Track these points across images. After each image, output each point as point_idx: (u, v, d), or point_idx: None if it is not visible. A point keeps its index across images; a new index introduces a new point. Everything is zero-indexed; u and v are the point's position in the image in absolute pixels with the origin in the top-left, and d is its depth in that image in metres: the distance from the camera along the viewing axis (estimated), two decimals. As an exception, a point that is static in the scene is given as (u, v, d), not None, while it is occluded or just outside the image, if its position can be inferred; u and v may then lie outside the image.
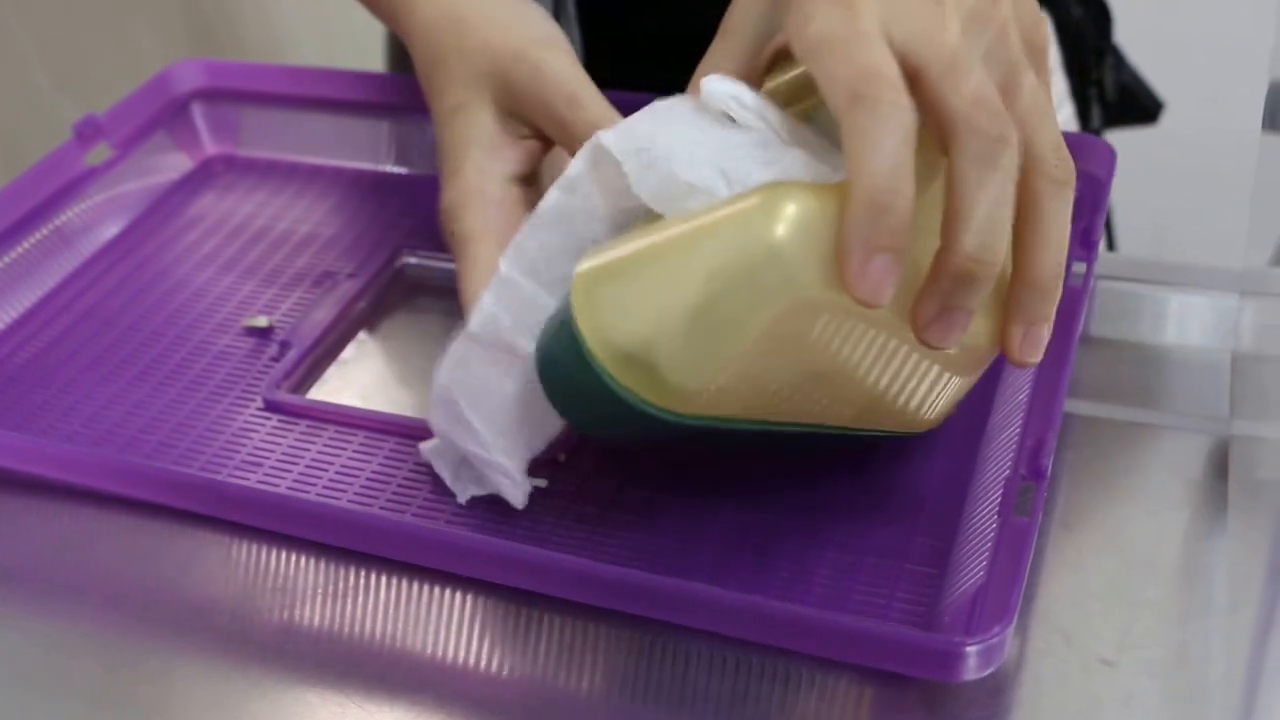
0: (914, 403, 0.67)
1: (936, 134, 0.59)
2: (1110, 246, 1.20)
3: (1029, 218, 0.61)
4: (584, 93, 0.76)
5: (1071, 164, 0.62)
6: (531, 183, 0.77)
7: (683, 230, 0.61)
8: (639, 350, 0.61)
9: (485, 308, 0.68)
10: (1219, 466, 0.73)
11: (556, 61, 0.77)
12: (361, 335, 0.86)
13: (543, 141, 0.78)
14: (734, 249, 0.59)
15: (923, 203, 0.58)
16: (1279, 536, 0.51)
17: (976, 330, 0.63)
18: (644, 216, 0.65)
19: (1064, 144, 0.62)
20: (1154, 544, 0.70)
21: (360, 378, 0.83)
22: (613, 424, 0.65)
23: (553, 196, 0.68)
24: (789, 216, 0.58)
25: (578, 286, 0.62)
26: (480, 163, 0.76)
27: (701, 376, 0.61)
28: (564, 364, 0.63)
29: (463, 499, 0.71)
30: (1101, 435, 0.76)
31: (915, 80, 0.59)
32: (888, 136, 0.56)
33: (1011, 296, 0.63)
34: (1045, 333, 0.63)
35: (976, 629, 0.61)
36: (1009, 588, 0.62)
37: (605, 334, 0.61)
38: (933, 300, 0.60)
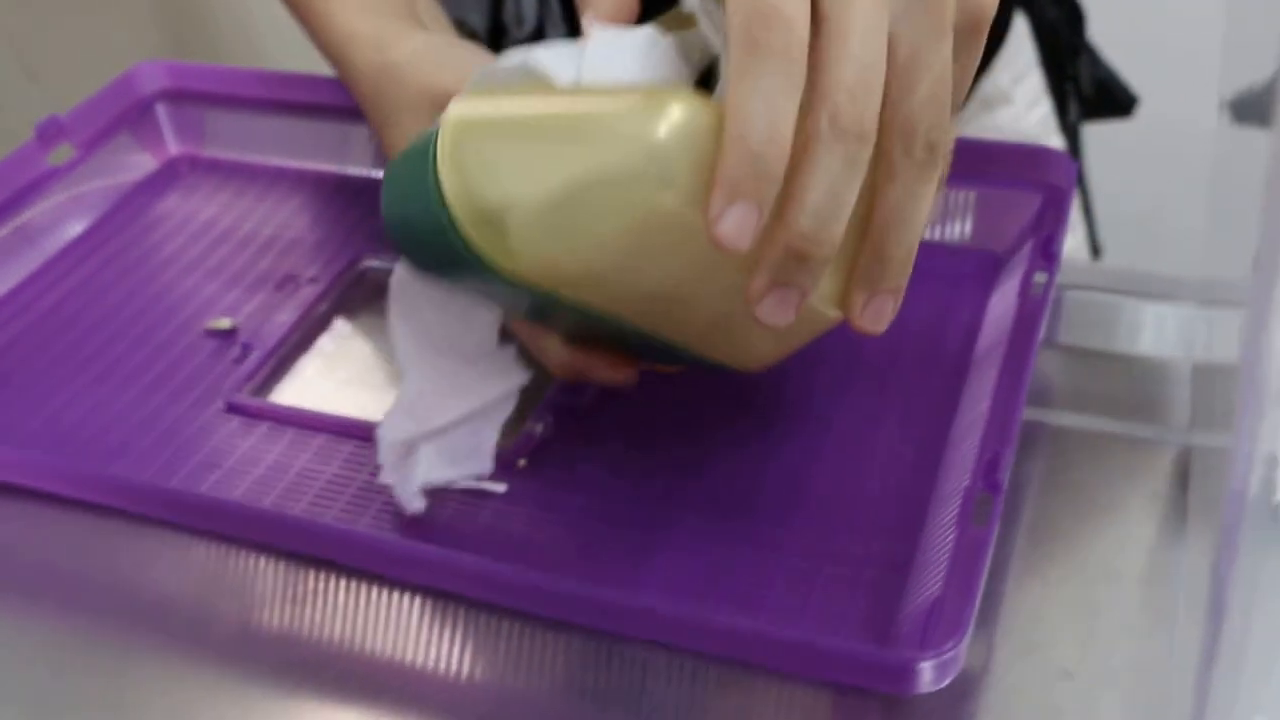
0: (750, 345, 0.68)
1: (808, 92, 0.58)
2: (1095, 250, 1.21)
3: (884, 193, 0.60)
4: None
5: (941, 149, 0.60)
6: None
7: (567, 107, 0.60)
8: (495, 212, 0.60)
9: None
10: (1183, 478, 0.73)
11: None
12: (324, 338, 0.85)
13: None
14: (618, 137, 0.58)
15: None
16: (1220, 547, 0.51)
17: (820, 293, 0.63)
18: (520, 76, 0.64)
19: (945, 128, 0.60)
20: (1117, 555, 0.70)
21: (322, 381, 0.82)
22: (450, 270, 0.65)
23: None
24: (674, 120, 0.57)
25: (447, 131, 0.62)
26: None
27: (551, 254, 0.60)
28: (414, 203, 0.63)
29: (416, 503, 0.71)
30: (1070, 445, 0.76)
31: (815, 29, 0.58)
32: (773, 87, 0.56)
33: (858, 263, 0.62)
34: (889, 304, 0.63)
35: (931, 642, 0.61)
36: (964, 601, 0.61)
37: (465, 186, 0.61)
38: (766, 275, 0.59)
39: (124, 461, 0.76)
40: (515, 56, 0.64)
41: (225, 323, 0.85)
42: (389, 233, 0.66)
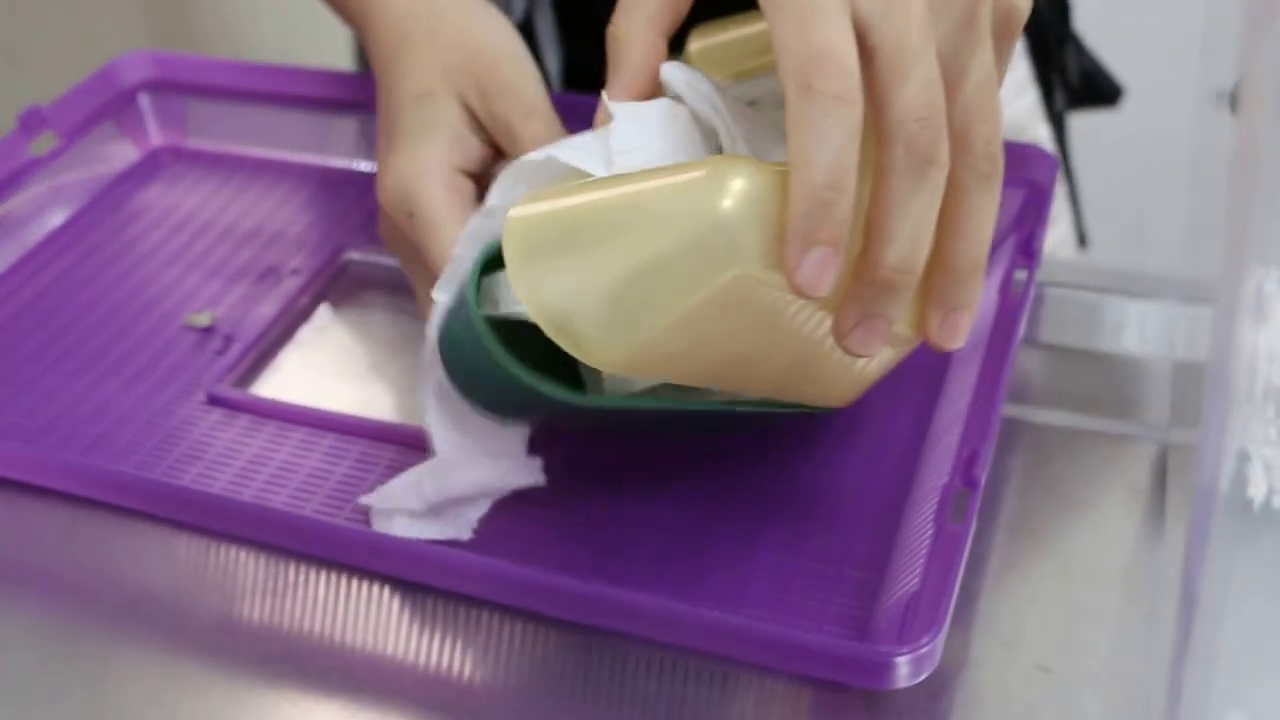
0: (832, 383, 0.68)
1: (873, 125, 0.59)
2: (1081, 241, 1.21)
3: (951, 208, 0.61)
4: (541, 108, 0.77)
5: (1000, 158, 0.61)
6: (479, 184, 0.77)
7: (626, 190, 0.60)
8: (569, 308, 0.60)
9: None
10: (1162, 475, 0.73)
11: (522, 75, 0.78)
12: (305, 330, 0.85)
13: (493, 149, 0.78)
14: (679, 216, 0.58)
15: (866, 192, 0.59)
16: (1190, 540, 0.51)
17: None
18: (570, 174, 0.64)
19: (999, 136, 0.61)
20: (1096, 552, 0.70)
21: (303, 373, 0.82)
22: (513, 405, 0.66)
23: (474, 222, 0.68)
24: (736, 190, 0.57)
25: (512, 230, 0.61)
26: (442, 148, 0.75)
27: (627, 342, 0.60)
28: (466, 344, 0.63)
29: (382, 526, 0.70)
30: (1049, 442, 0.76)
31: (866, 61, 0.58)
32: (834, 131, 0.56)
33: (930, 283, 0.62)
34: (964, 320, 0.63)
35: (908, 637, 0.62)
36: (940, 596, 0.62)
37: (535, 286, 0.60)
38: (854, 309, 0.60)
39: (105, 454, 0.76)
40: (538, 154, 0.65)
41: (204, 319, 0.85)
42: (455, 383, 0.66)
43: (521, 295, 0.60)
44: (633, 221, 0.59)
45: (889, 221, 0.58)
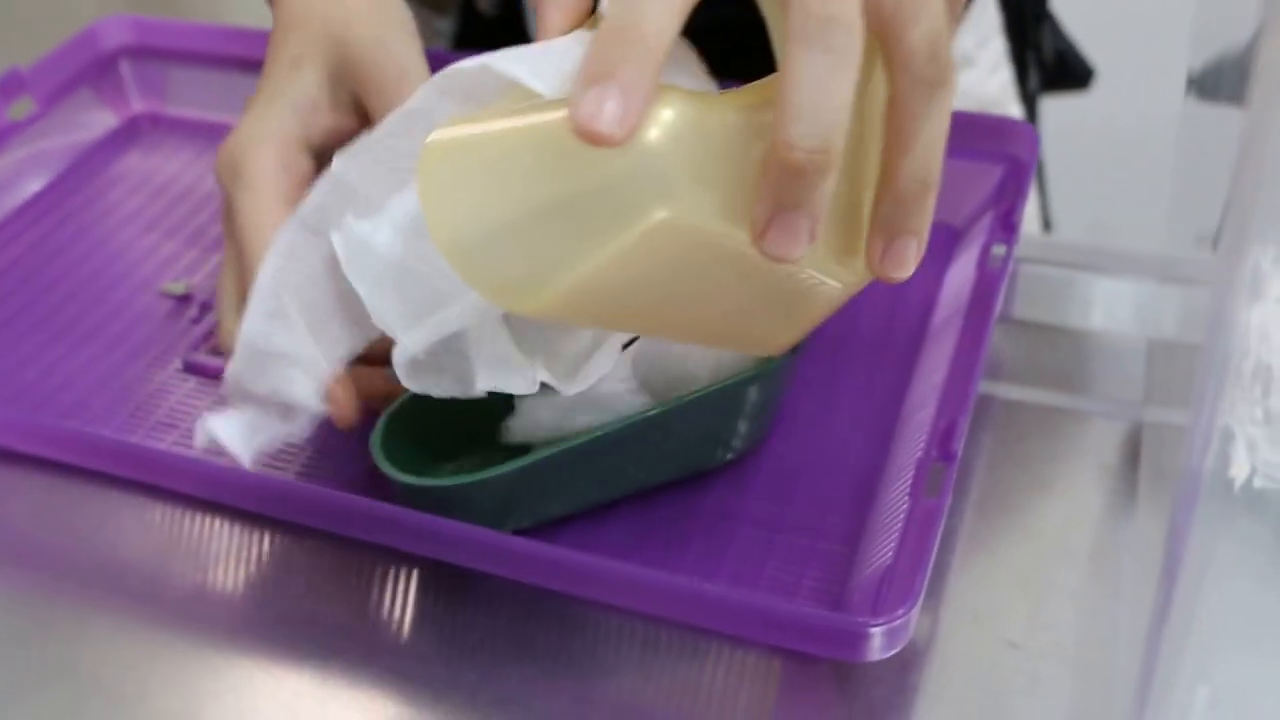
0: (767, 330, 0.64)
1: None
2: (1046, 226, 1.21)
3: (892, 122, 0.56)
4: (416, 73, 0.75)
5: (949, 64, 0.56)
6: (323, 163, 0.73)
7: (548, 118, 0.55)
8: (482, 246, 0.57)
9: (314, 199, 0.67)
10: (1133, 453, 0.74)
11: (401, 41, 0.76)
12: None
13: (359, 119, 0.76)
14: (607, 157, 0.53)
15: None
16: (1173, 521, 0.51)
17: (824, 256, 0.59)
18: (483, 80, 0.61)
19: (944, 42, 0.56)
20: (1067, 529, 0.70)
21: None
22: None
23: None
24: (665, 122, 0.53)
25: (429, 156, 0.58)
26: (286, 120, 0.74)
27: (549, 286, 0.56)
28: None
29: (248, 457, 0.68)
30: (1021, 419, 0.76)
31: None
32: (836, 83, 0.53)
33: (875, 206, 0.58)
34: (910, 248, 0.58)
35: (882, 609, 0.62)
36: (915, 569, 0.62)
37: (445, 216, 0.57)
38: (765, 202, 0.54)
39: (79, 421, 0.76)
40: (473, 61, 0.61)
41: (180, 287, 0.85)
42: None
43: (434, 233, 0.57)
44: (554, 154, 0.55)
45: (787, 93, 0.53)
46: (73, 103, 0.98)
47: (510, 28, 1.05)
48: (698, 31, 0.65)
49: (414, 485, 0.65)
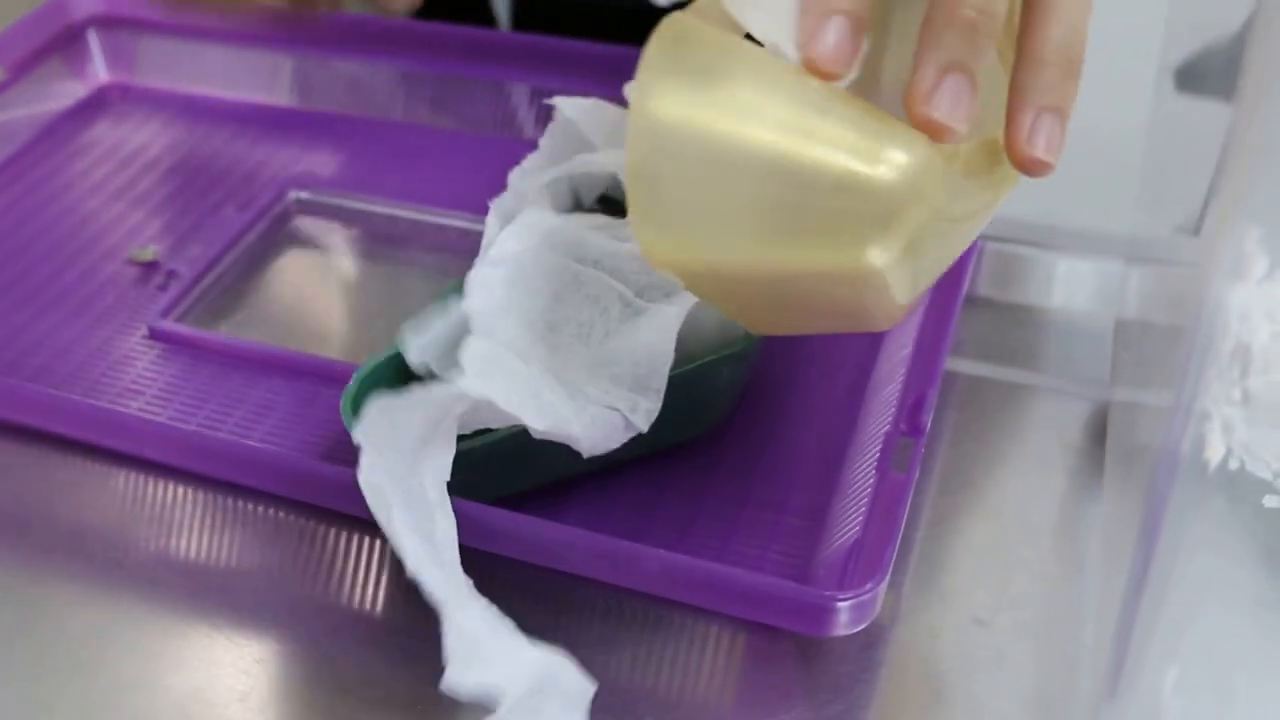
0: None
1: None
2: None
3: None
4: None
5: None
6: None
7: (793, 133, 0.53)
8: (671, 161, 0.55)
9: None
10: (1098, 431, 0.74)
11: None
12: (249, 268, 0.85)
13: None
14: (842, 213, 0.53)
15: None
16: (1149, 502, 0.51)
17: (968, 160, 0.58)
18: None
19: None
20: (1031, 506, 0.70)
21: (246, 311, 0.82)
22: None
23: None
24: (915, 171, 0.53)
25: (665, 36, 0.55)
26: None
27: (713, 241, 0.56)
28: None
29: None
30: (984, 396, 0.76)
31: None
32: None
33: (1014, 82, 0.56)
34: (1057, 128, 0.56)
35: (850, 584, 0.62)
36: (883, 544, 0.62)
37: (656, 112, 0.55)
38: (931, 61, 0.53)
39: (44, 385, 0.75)
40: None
41: (149, 253, 0.84)
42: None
43: (637, 107, 0.54)
44: (778, 173, 0.54)
45: None
46: (41, 72, 0.97)
47: (472, 6, 1.05)
48: (635, 15, 0.64)
49: None
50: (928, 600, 0.66)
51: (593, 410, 0.63)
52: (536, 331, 0.65)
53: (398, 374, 0.68)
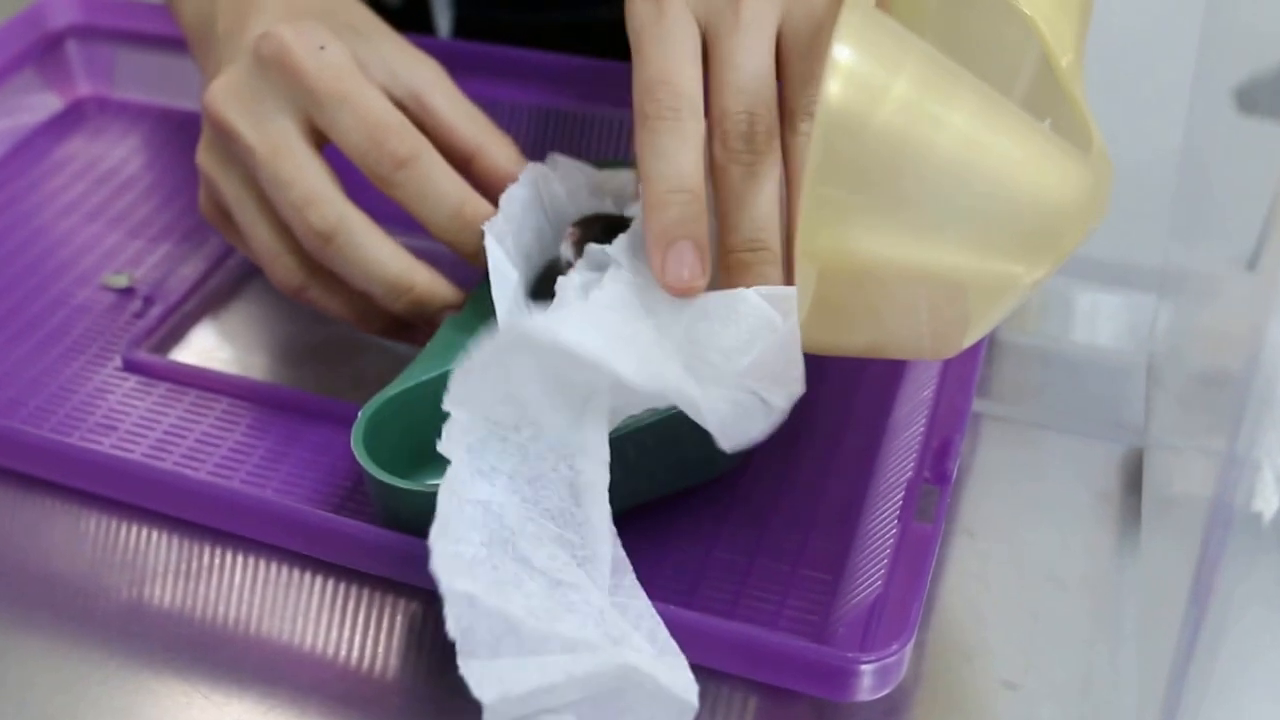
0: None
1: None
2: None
3: (717, 191, 0.64)
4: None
5: (759, 138, 0.63)
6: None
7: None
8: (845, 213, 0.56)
9: None
10: (1132, 478, 0.71)
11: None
12: (230, 294, 0.82)
13: None
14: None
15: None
16: (1199, 558, 0.48)
17: None
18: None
19: (766, 114, 0.64)
20: (1061, 558, 0.68)
21: (226, 340, 0.79)
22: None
23: None
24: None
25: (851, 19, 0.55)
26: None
27: (843, 250, 0.56)
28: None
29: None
30: (1009, 439, 0.74)
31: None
32: (667, 142, 0.63)
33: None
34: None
35: (873, 644, 0.59)
36: (909, 601, 0.59)
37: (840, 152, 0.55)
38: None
39: (14, 420, 0.73)
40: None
41: (123, 279, 0.82)
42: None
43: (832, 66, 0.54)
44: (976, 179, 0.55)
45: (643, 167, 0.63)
46: (16, 84, 0.95)
47: (414, 19, 1.03)
48: (568, 29, 0.68)
49: (394, 486, 0.62)
50: (953, 660, 0.63)
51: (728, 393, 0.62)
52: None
53: (413, 406, 0.65)
